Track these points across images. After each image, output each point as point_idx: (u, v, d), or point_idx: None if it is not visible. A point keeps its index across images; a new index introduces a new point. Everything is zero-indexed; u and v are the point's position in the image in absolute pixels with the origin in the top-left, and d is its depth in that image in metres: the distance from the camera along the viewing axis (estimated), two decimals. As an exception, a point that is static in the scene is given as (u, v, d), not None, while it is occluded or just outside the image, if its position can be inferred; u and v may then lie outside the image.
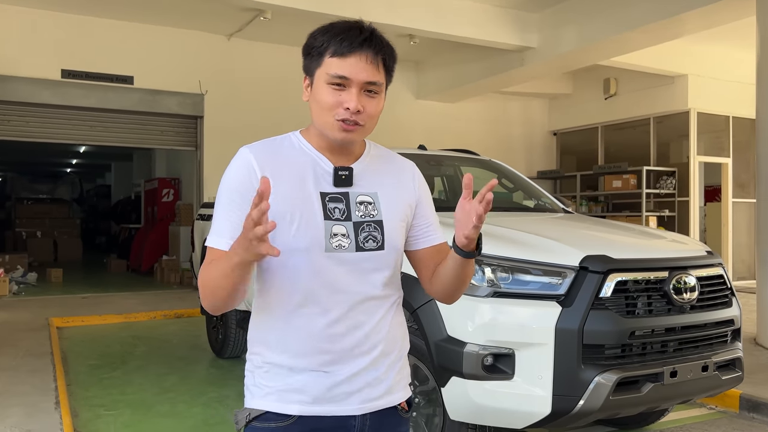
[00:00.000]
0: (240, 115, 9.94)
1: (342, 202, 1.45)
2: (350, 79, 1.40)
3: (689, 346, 3.06)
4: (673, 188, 10.88)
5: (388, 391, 1.50)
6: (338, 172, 1.46)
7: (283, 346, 1.44)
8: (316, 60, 1.44)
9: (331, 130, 1.43)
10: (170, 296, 9.32)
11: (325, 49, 1.42)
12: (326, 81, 1.41)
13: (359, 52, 1.40)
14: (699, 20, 7.44)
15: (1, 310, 7.86)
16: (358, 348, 1.45)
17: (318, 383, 1.43)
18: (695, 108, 10.67)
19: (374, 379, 1.47)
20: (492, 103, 12.31)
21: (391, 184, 1.54)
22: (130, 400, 4.52)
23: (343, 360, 1.44)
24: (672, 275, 3.03)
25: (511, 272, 2.96)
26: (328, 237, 1.41)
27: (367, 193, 1.48)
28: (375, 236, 1.46)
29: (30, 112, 9.14)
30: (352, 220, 1.45)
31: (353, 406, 1.45)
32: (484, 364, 2.85)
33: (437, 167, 4.95)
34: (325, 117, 1.43)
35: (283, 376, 1.43)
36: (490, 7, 8.69)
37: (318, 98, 1.43)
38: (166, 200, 12.69)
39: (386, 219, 1.48)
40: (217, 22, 9.41)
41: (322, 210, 1.43)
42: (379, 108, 1.47)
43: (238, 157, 1.46)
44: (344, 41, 1.40)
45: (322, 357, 1.43)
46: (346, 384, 1.44)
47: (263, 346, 1.47)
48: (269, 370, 1.45)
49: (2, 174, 22.27)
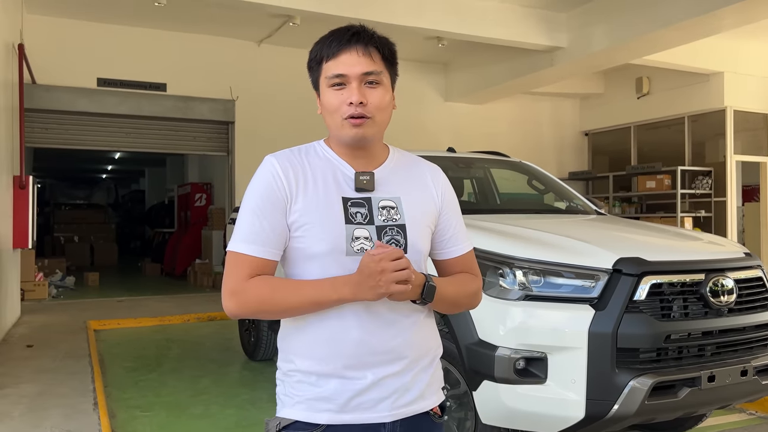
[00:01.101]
0: (270, 120, 10.05)
1: (364, 206, 1.46)
2: (347, 75, 1.43)
3: (727, 350, 2.99)
4: (710, 188, 10.64)
5: (420, 397, 1.49)
6: (359, 177, 1.48)
7: (310, 353, 1.44)
8: (316, 71, 1.49)
9: (343, 131, 1.46)
10: (203, 299, 9.45)
11: (321, 57, 1.47)
12: (327, 85, 1.45)
13: (349, 48, 1.44)
14: (735, 16, 7.27)
15: (42, 313, 8.07)
16: (385, 353, 1.44)
17: (346, 390, 1.42)
18: (732, 106, 10.43)
19: (403, 385, 1.46)
20: (521, 104, 12.21)
21: (415, 188, 1.55)
22: (165, 401, 4.60)
23: (371, 365, 1.43)
24: (708, 277, 2.97)
25: (542, 275, 2.93)
26: (349, 240, 1.42)
27: (389, 198, 1.49)
28: (398, 240, 1.47)
29: (68, 120, 9.38)
30: (375, 224, 1.45)
31: (383, 413, 1.44)
32: (516, 368, 2.82)
33: (466, 170, 4.93)
34: (335, 119, 1.46)
35: (311, 385, 1.44)
36: (518, 7, 8.62)
37: (324, 104, 1.47)
38: (198, 205, 12.89)
39: (409, 223, 1.49)
40: (247, 29, 9.53)
41: (343, 214, 1.44)
42: (385, 99, 1.47)
43: (263, 166, 1.49)
44: (333, 42, 1.45)
45: (349, 363, 1.42)
46: (375, 390, 1.43)
47: (291, 353, 1.48)
48: (299, 378, 1.45)
49: (41, 180, 22.89)
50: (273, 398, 1.55)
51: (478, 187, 4.92)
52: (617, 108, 12.05)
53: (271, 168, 1.47)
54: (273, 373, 5.65)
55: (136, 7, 8.53)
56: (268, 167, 1.47)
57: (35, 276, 9.43)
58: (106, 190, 24.04)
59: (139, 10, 8.70)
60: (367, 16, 7.42)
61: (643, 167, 11.19)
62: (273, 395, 1.55)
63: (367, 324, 1.43)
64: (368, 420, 1.43)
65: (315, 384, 1.43)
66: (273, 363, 5.67)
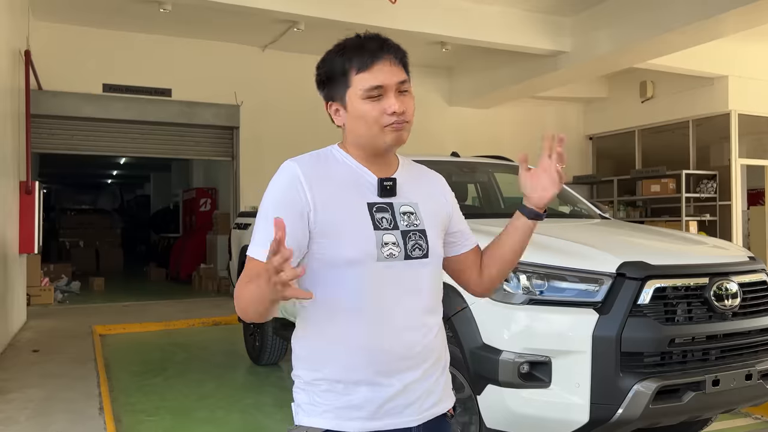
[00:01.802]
0: (275, 125, 10.09)
1: (388, 212, 1.47)
2: (384, 86, 1.43)
3: (732, 354, 2.98)
4: (714, 192, 10.61)
5: (440, 400, 1.53)
6: (383, 182, 1.49)
7: (340, 361, 1.43)
8: (341, 83, 1.46)
9: (383, 137, 1.46)
10: (208, 304, 9.47)
11: (348, 69, 1.45)
12: (362, 97, 1.44)
13: (382, 59, 1.44)
14: (739, 20, 7.27)
15: (48, 318, 8.11)
16: (412, 358, 1.47)
17: (376, 397, 1.43)
18: (736, 109, 10.41)
19: (427, 389, 1.49)
20: (526, 108, 12.22)
21: (428, 195, 1.58)
22: (170, 406, 4.61)
23: (399, 371, 1.45)
24: (713, 281, 2.97)
25: (546, 279, 2.94)
26: (379, 246, 1.43)
27: (409, 204, 1.52)
28: (421, 245, 1.49)
29: (74, 126, 9.42)
30: (399, 228, 1.47)
31: (410, 417, 1.47)
32: (520, 372, 2.83)
33: (471, 174, 4.94)
34: (373, 129, 1.45)
35: (339, 393, 1.43)
36: (522, 12, 8.64)
37: (360, 115, 1.45)
38: (203, 210, 12.93)
39: (428, 228, 1.52)
40: (251, 34, 9.58)
41: (371, 220, 1.45)
42: (413, 104, 1.52)
43: (284, 171, 1.45)
44: (364, 54, 1.44)
45: (379, 370, 1.43)
46: (403, 396, 1.45)
47: (318, 362, 1.46)
48: (327, 387, 1.44)
49: (47, 186, 23.01)
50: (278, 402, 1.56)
51: (483, 191, 4.93)
52: (621, 112, 12.04)
53: (291, 173, 1.44)
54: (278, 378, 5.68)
55: (141, 13, 8.59)
56: (289, 172, 1.44)
57: (41, 281, 9.47)
58: (112, 195, 24.12)
59: (145, 17, 8.76)
60: (372, 21, 7.45)
61: (647, 171, 11.17)
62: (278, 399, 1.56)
63: (395, 331, 1.44)
64: (397, 425, 1.45)
65: (343, 392, 1.43)
66: (278, 367, 5.68)
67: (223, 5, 7.23)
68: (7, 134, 6.51)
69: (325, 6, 7.51)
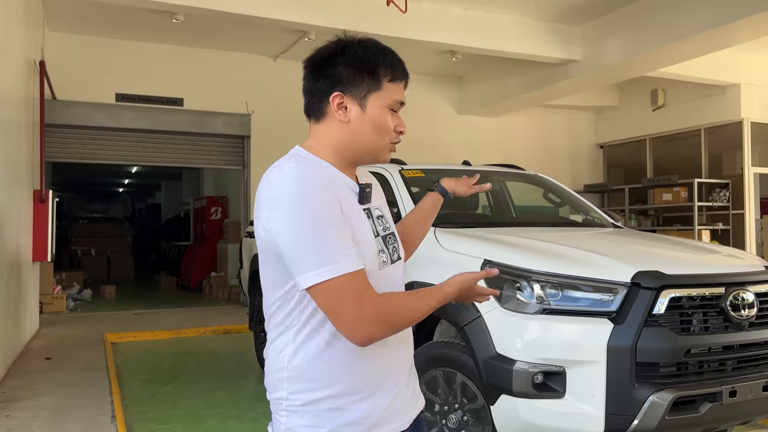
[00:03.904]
0: (286, 134, 10.02)
1: (370, 218, 1.47)
2: (404, 105, 1.47)
3: (749, 365, 2.95)
4: (727, 201, 10.53)
5: (418, 398, 1.58)
6: (365, 188, 1.47)
7: (346, 379, 1.38)
8: (368, 82, 1.41)
9: (382, 152, 1.47)
10: (218, 312, 9.49)
11: (383, 73, 1.42)
12: (388, 105, 1.43)
13: (406, 78, 1.48)
14: (751, 28, 7.23)
15: (60, 326, 8.15)
16: (402, 364, 1.49)
17: (377, 409, 1.41)
18: (749, 117, 10.34)
19: (411, 392, 1.53)
20: (536, 117, 12.21)
21: (380, 196, 1.60)
22: (181, 414, 4.61)
23: (394, 377, 1.46)
24: (729, 291, 2.94)
25: (560, 289, 2.92)
26: (378, 253, 1.42)
27: (377, 207, 1.52)
28: (396, 247, 1.52)
29: (87, 135, 9.51)
30: (380, 234, 1.47)
31: (402, 421, 1.47)
32: (534, 382, 2.80)
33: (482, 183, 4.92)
34: (382, 140, 1.45)
35: (341, 410, 1.37)
36: (532, 21, 8.65)
37: (377, 122, 1.42)
38: (214, 218, 12.98)
39: (395, 229, 1.57)
40: (262, 44, 9.64)
41: (371, 227, 1.44)
42: None
43: (305, 178, 1.31)
44: (397, 68, 1.45)
45: (380, 379, 1.42)
46: (396, 403, 1.45)
47: (319, 381, 1.37)
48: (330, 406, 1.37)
49: (60, 194, 23.20)
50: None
51: (494, 200, 4.92)
52: (632, 120, 12.00)
53: (315, 180, 1.32)
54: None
55: (154, 23, 8.67)
56: (311, 179, 1.31)
57: (53, 289, 9.53)
58: (123, 204, 24.28)
59: (157, 27, 8.84)
60: (383, 31, 7.47)
61: (659, 180, 11.11)
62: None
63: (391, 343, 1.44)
64: (392, 430, 1.46)
65: (343, 408, 1.38)
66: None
67: (234, 15, 7.28)
68: (21, 143, 6.57)
69: (335, 16, 7.55)
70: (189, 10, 7.29)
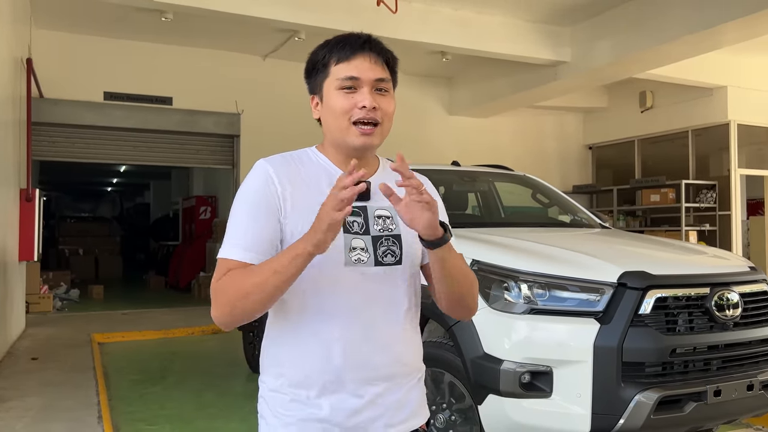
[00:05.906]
0: (275, 133, 10.08)
1: (360, 216, 1.43)
2: (360, 79, 1.42)
3: (733, 365, 2.98)
4: (714, 202, 10.63)
5: (412, 414, 1.48)
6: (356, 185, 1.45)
7: (300, 368, 1.40)
8: (321, 73, 1.46)
9: (349, 137, 1.43)
10: (207, 312, 9.24)
11: (329, 59, 1.45)
12: (337, 87, 1.43)
13: (362, 54, 1.44)
14: (738, 31, 7.31)
15: (47, 326, 8.09)
16: (381, 368, 1.42)
17: (341, 409, 1.39)
18: (735, 120, 10.44)
19: (397, 402, 1.44)
20: (525, 118, 12.25)
21: None
22: (169, 415, 4.59)
23: (365, 381, 1.41)
24: (714, 291, 2.97)
25: (547, 289, 2.94)
26: (347, 251, 1.40)
27: (385, 207, 1.46)
28: (393, 250, 1.44)
29: (74, 134, 9.43)
30: (371, 234, 1.43)
31: None
32: (521, 382, 2.82)
33: (471, 183, 4.94)
34: (341, 122, 1.43)
35: (303, 403, 1.39)
36: (522, 22, 8.68)
37: (331, 106, 1.44)
38: (203, 218, 12.93)
39: (404, 233, 1.46)
40: (252, 43, 9.61)
41: (350, 224, 1.41)
42: (392, 107, 1.47)
43: (256, 170, 1.46)
44: (345, 46, 1.45)
45: (342, 378, 1.39)
46: (370, 409, 1.41)
47: (279, 368, 1.43)
48: (290, 396, 1.40)
49: (47, 193, 23.03)
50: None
51: (483, 200, 4.93)
52: (621, 122, 12.08)
53: (264, 172, 1.44)
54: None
55: (142, 22, 8.62)
56: (261, 171, 1.44)
57: (40, 289, 9.45)
58: (111, 203, 24.16)
59: (146, 25, 8.79)
60: (373, 30, 7.25)
61: (647, 181, 11.19)
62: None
63: (357, 335, 1.40)
64: None
65: (306, 402, 1.39)
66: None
67: (224, 14, 7.26)
68: (8, 142, 6.52)
69: (325, 15, 7.54)
70: (178, 8, 7.26)
